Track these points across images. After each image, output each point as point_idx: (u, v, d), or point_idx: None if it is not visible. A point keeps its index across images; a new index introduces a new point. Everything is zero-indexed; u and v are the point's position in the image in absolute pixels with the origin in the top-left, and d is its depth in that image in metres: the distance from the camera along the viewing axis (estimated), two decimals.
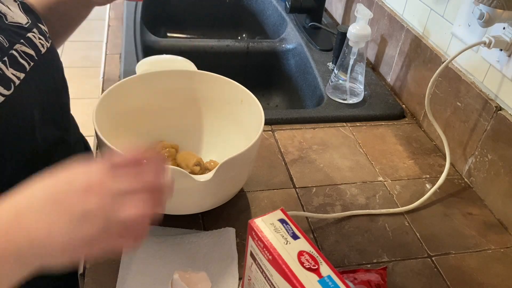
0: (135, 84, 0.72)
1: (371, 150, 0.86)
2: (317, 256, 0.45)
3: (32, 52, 0.59)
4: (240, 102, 0.73)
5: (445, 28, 0.86)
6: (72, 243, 0.38)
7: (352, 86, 0.97)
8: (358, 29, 0.90)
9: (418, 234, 0.70)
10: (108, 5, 1.28)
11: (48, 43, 0.63)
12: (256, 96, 0.70)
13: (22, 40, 0.58)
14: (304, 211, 0.71)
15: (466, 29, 0.80)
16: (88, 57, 2.82)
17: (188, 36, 1.54)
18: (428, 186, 0.79)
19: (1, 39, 0.55)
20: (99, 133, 0.59)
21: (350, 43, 0.93)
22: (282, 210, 0.49)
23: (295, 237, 0.46)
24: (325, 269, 0.44)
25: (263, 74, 1.26)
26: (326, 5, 1.37)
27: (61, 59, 0.67)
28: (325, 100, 0.97)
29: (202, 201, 0.63)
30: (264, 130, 0.80)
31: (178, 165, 0.73)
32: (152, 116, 0.76)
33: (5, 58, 0.54)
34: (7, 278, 0.38)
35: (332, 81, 0.99)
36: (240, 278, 0.59)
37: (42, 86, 0.61)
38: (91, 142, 0.87)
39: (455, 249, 0.68)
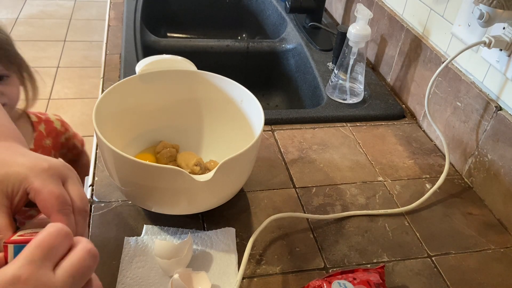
0: (135, 84, 0.72)
1: (371, 150, 0.86)
2: None
3: None
4: (240, 102, 0.73)
5: (445, 28, 0.86)
6: None
7: (352, 86, 0.97)
8: (358, 29, 0.90)
9: (418, 234, 0.70)
10: (108, 5, 1.29)
11: None
12: (256, 96, 0.70)
13: None
14: (304, 211, 0.71)
15: (466, 29, 0.80)
16: (88, 57, 2.82)
17: (188, 36, 1.54)
18: (428, 186, 0.79)
19: None
20: (98, 133, 0.59)
21: (350, 43, 0.93)
22: None
23: None
24: None
25: (263, 74, 1.26)
26: (326, 5, 1.37)
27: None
28: (325, 100, 0.97)
29: (202, 201, 0.63)
30: (264, 130, 0.80)
31: (178, 165, 0.73)
32: (152, 116, 0.76)
33: None
34: None
35: (332, 81, 0.99)
36: (242, 278, 0.59)
37: None
38: (91, 142, 0.87)
39: (455, 249, 0.68)
